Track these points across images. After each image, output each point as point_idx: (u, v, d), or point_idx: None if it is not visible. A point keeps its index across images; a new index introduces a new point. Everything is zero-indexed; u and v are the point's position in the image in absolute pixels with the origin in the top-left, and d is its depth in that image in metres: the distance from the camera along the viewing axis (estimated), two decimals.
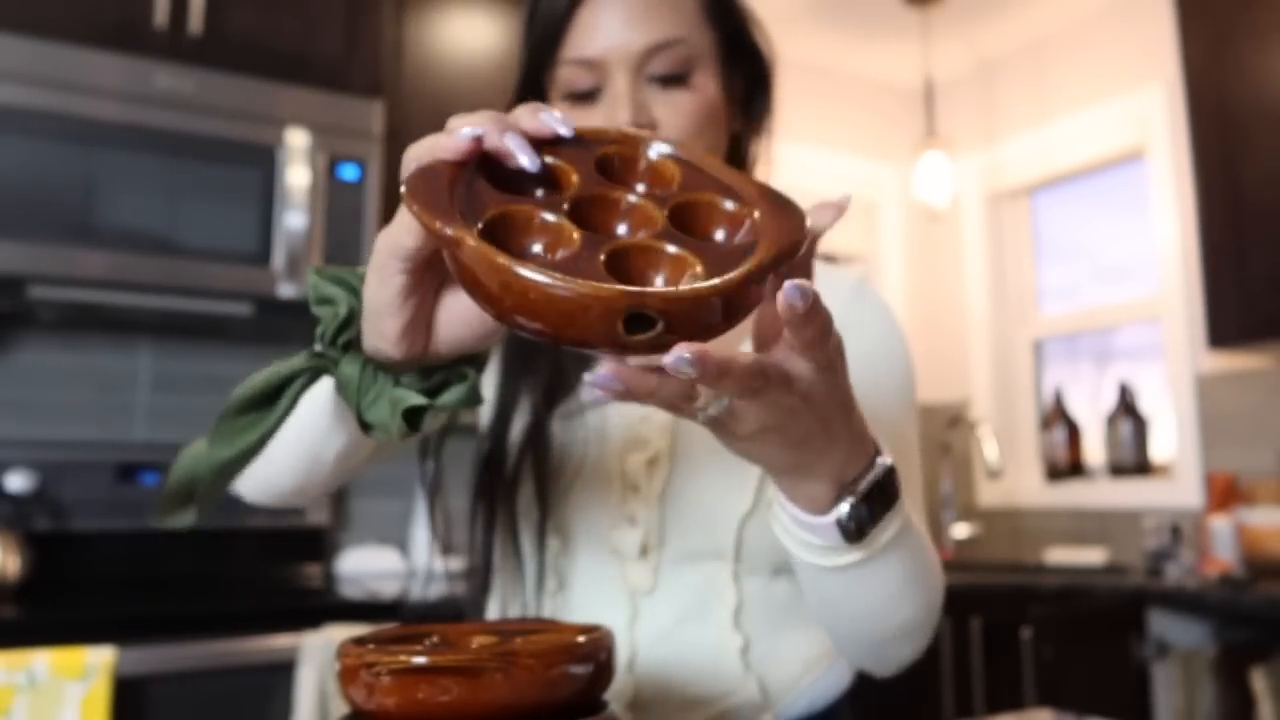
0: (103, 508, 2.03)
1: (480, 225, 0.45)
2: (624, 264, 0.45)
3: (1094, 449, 3.01)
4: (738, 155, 0.86)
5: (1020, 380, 3.31)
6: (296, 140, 2.01)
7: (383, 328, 0.52)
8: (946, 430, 3.19)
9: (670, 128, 0.75)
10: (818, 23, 3.16)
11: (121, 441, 2.17)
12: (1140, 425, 2.83)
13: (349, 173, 2.06)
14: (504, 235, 0.46)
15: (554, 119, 0.50)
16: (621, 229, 0.48)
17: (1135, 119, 2.91)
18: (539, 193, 0.49)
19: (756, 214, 0.47)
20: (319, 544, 2.21)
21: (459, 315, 0.53)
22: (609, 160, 0.51)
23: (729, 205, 0.49)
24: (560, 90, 0.77)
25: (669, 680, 0.75)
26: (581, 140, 0.51)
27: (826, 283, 0.84)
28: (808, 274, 0.49)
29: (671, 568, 0.77)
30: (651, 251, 0.46)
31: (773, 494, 0.57)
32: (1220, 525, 2.30)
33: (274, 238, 1.98)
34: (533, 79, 0.79)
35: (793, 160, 3.28)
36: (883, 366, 0.81)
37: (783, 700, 0.77)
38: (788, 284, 0.41)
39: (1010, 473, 3.18)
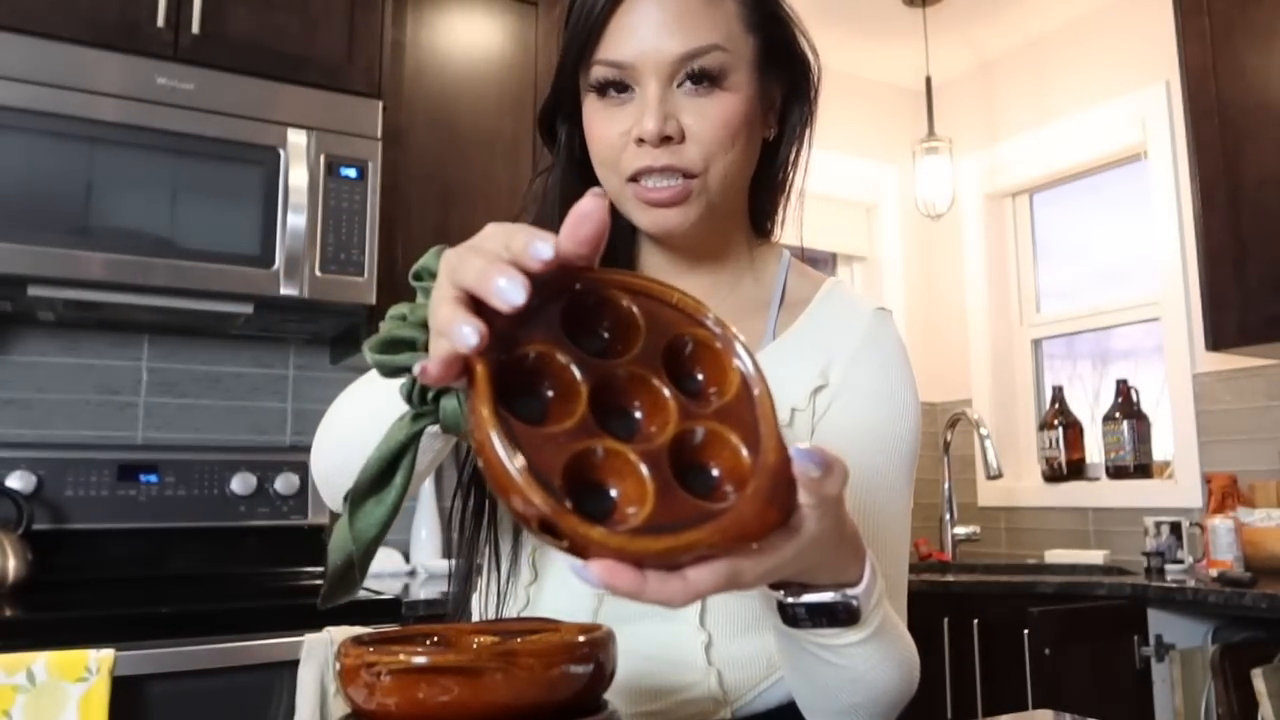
0: (103, 508, 2.03)
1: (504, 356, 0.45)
2: (588, 462, 0.44)
3: (1094, 449, 3.01)
4: (770, 163, 0.86)
5: (1020, 380, 3.32)
6: (296, 141, 2.01)
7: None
8: (946, 430, 3.19)
9: (698, 135, 0.75)
10: (818, 23, 3.14)
11: (121, 441, 2.17)
12: (1140, 425, 2.83)
13: (349, 173, 2.06)
14: (522, 382, 0.46)
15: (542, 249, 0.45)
16: (636, 414, 0.47)
17: (1135, 119, 2.91)
18: (602, 336, 0.48)
19: (750, 488, 0.44)
20: (319, 544, 2.21)
21: None
22: (681, 343, 0.49)
23: (744, 456, 0.46)
24: (593, 87, 0.77)
25: (627, 668, 0.73)
26: (676, 309, 0.49)
27: (846, 308, 0.83)
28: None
29: None
30: (623, 460, 0.44)
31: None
32: (1220, 525, 2.30)
33: (274, 238, 1.98)
34: (569, 77, 0.79)
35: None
36: (883, 411, 0.79)
37: (743, 697, 0.76)
38: (798, 452, 0.44)
39: (1010, 473, 3.18)
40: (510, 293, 0.43)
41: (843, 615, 0.57)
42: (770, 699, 0.77)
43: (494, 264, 0.44)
